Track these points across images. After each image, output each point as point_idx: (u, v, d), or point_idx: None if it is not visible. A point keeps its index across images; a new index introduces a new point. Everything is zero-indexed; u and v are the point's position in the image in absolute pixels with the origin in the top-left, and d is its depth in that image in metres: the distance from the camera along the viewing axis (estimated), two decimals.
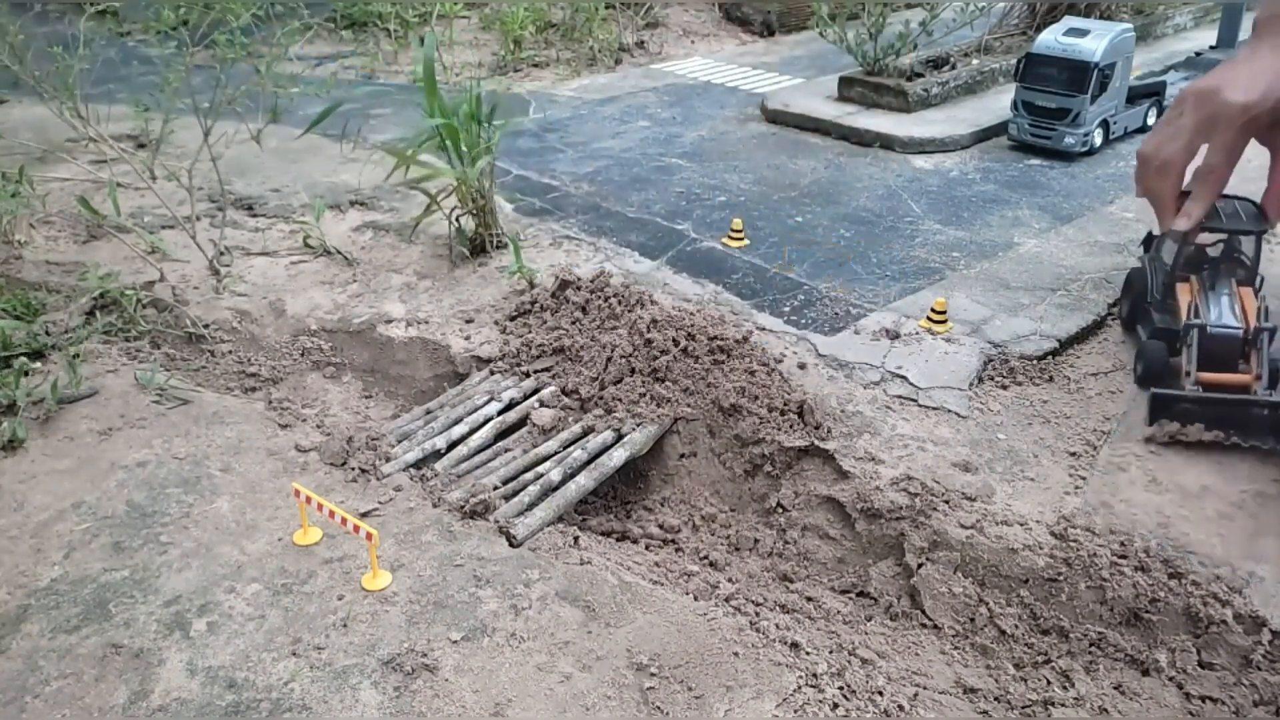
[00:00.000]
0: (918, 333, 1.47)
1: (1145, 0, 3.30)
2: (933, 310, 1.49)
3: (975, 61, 2.84)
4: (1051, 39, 2.22)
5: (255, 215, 2.04)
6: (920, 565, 1.11)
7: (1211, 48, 3.07)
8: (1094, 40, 2.18)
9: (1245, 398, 1.22)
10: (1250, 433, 1.21)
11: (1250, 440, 1.20)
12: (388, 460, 1.27)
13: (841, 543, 1.20)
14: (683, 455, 1.32)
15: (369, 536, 0.98)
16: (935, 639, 1.08)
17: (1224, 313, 1.29)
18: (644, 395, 1.33)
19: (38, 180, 2.00)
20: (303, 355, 1.61)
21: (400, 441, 1.33)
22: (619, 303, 1.48)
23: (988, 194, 2.05)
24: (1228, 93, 1.23)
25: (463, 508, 1.15)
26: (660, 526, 1.27)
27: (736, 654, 0.95)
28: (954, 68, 2.77)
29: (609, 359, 1.39)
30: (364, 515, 1.12)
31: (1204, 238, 1.39)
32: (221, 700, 0.88)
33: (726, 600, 1.08)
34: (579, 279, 1.57)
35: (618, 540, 1.25)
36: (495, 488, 1.20)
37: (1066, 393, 1.34)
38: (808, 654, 0.98)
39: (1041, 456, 1.21)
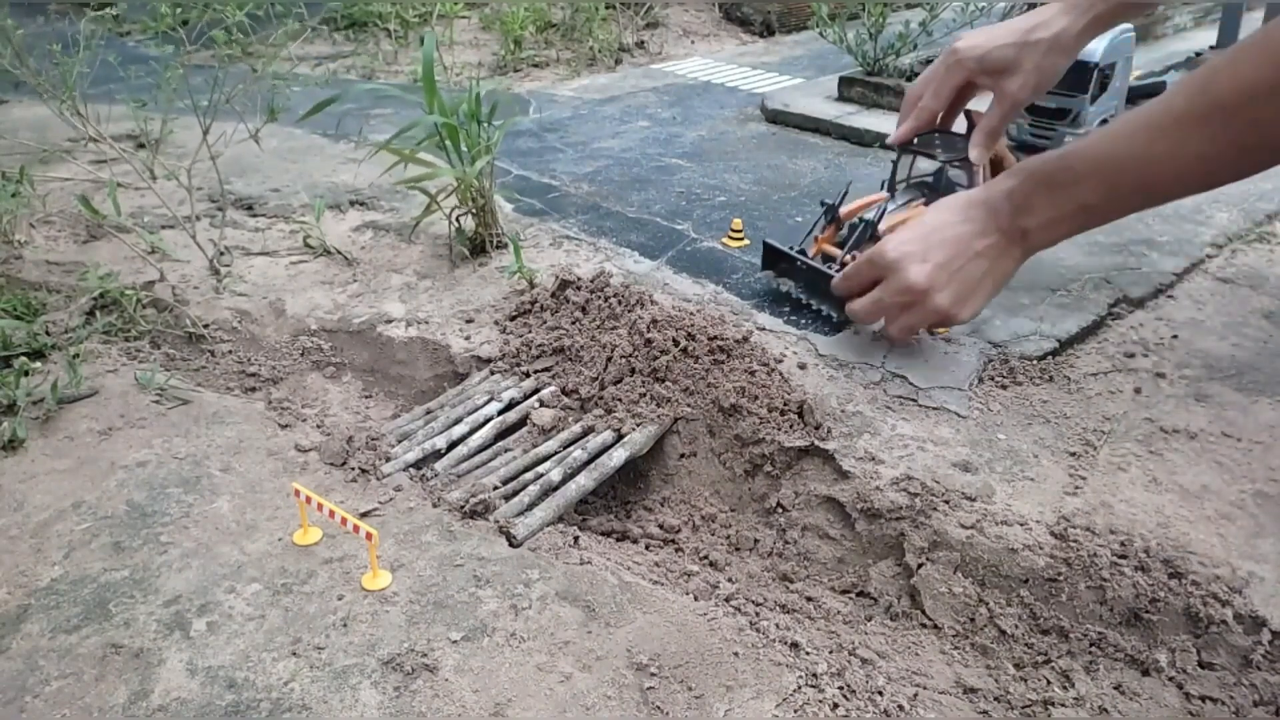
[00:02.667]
0: (917, 332, 1.47)
1: (1145, 0, 3.30)
2: None
3: None
4: None
5: (255, 215, 2.04)
6: (920, 565, 1.11)
7: (1212, 48, 3.06)
8: (1094, 40, 2.18)
9: (817, 265, 1.40)
10: (822, 298, 1.41)
11: (821, 304, 1.41)
12: (388, 460, 1.27)
13: (841, 543, 1.20)
14: (683, 455, 1.32)
15: (369, 536, 0.98)
16: (935, 639, 1.07)
17: (882, 209, 1.42)
18: (644, 395, 1.33)
19: (38, 180, 2.00)
20: (303, 355, 1.61)
21: (400, 441, 1.33)
22: (619, 303, 1.48)
23: None
24: (957, 44, 1.37)
25: (463, 508, 1.15)
26: (660, 526, 1.27)
27: (736, 654, 0.95)
28: None
29: (609, 359, 1.39)
30: (364, 515, 1.12)
31: (921, 165, 1.53)
32: (221, 700, 0.88)
33: (726, 600, 1.08)
34: (579, 279, 1.57)
35: (618, 540, 1.25)
36: (495, 488, 1.20)
37: (1066, 393, 1.34)
38: (808, 654, 0.98)
39: (1041, 456, 1.21)
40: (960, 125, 1.55)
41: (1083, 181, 1.11)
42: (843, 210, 1.47)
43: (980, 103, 1.49)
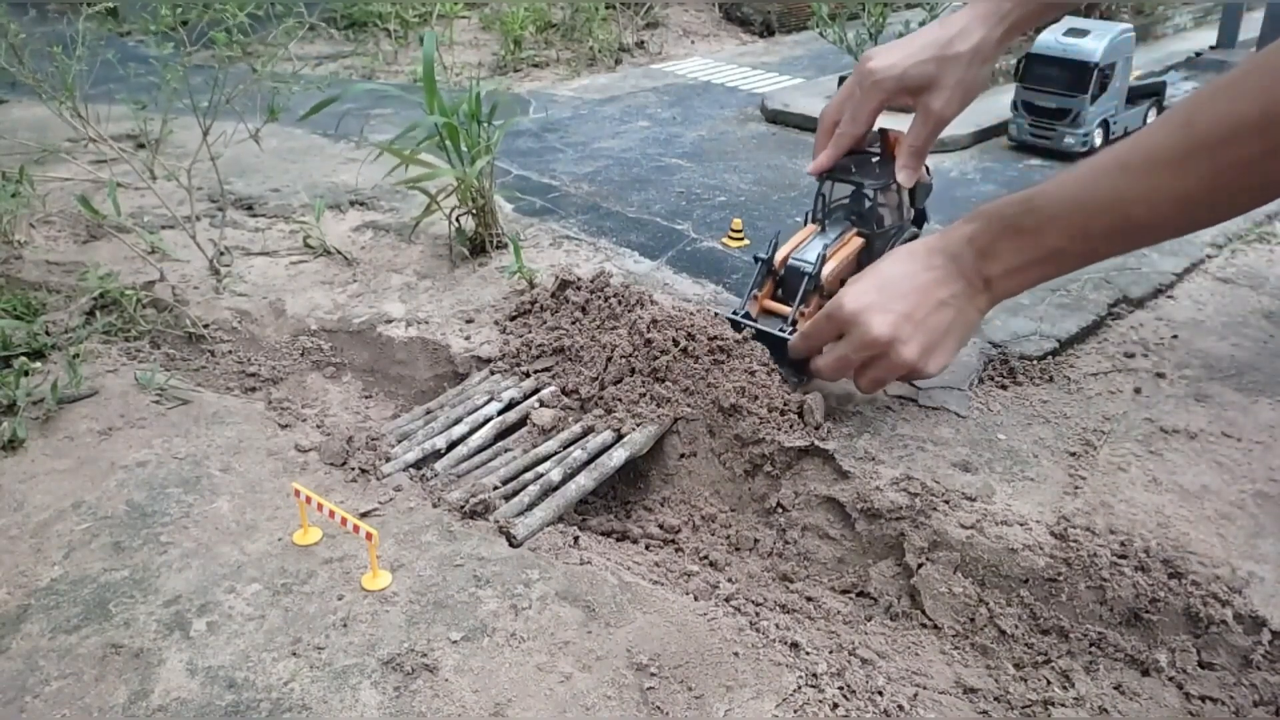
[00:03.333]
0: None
1: (1145, 0, 3.30)
2: None
3: None
4: (1051, 39, 2.21)
5: (255, 215, 2.04)
6: (920, 565, 1.11)
7: (1211, 48, 3.06)
8: (1094, 40, 2.18)
9: (768, 330, 1.31)
10: (780, 361, 1.30)
11: (782, 367, 1.30)
12: (388, 460, 1.27)
13: (841, 543, 1.20)
14: (683, 455, 1.32)
15: (369, 536, 0.98)
16: (935, 639, 1.07)
17: (807, 251, 1.33)
18: (644, 395, 1.33)
19: (38, 180, 1.99)
20: (303, 355, 1.61)
21: (400, 441, 1.33)
22: (619, 303, 1.47)
23: (987, 194, 2.05)
24: (869, 62, 1.29)
25: (463, 508, 1.15)
26: (660, 526, 1.27)
27: (736, 654, 0.95)
28: None
29: (609, 359, 1.38)
30: (364, 515, 1.12)
31: (839, 189, 1.41)
32: (221, 700, 0.88)
33: (726, 600, 1.08)
34: (579, 279, 1.57)
35: (618, 540, 1.25)
36: (495, 488, 1.20)
37: (1066, 393, 1.34)
38: (808, 654, 0.98)
39: (1041, 456, 1.21)
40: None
41: (1051, 226, 1.03)
42: (778, 257, 1.35)
43: (890, 120, 1.40)
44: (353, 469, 1.22)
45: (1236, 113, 0.89)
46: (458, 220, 1.80)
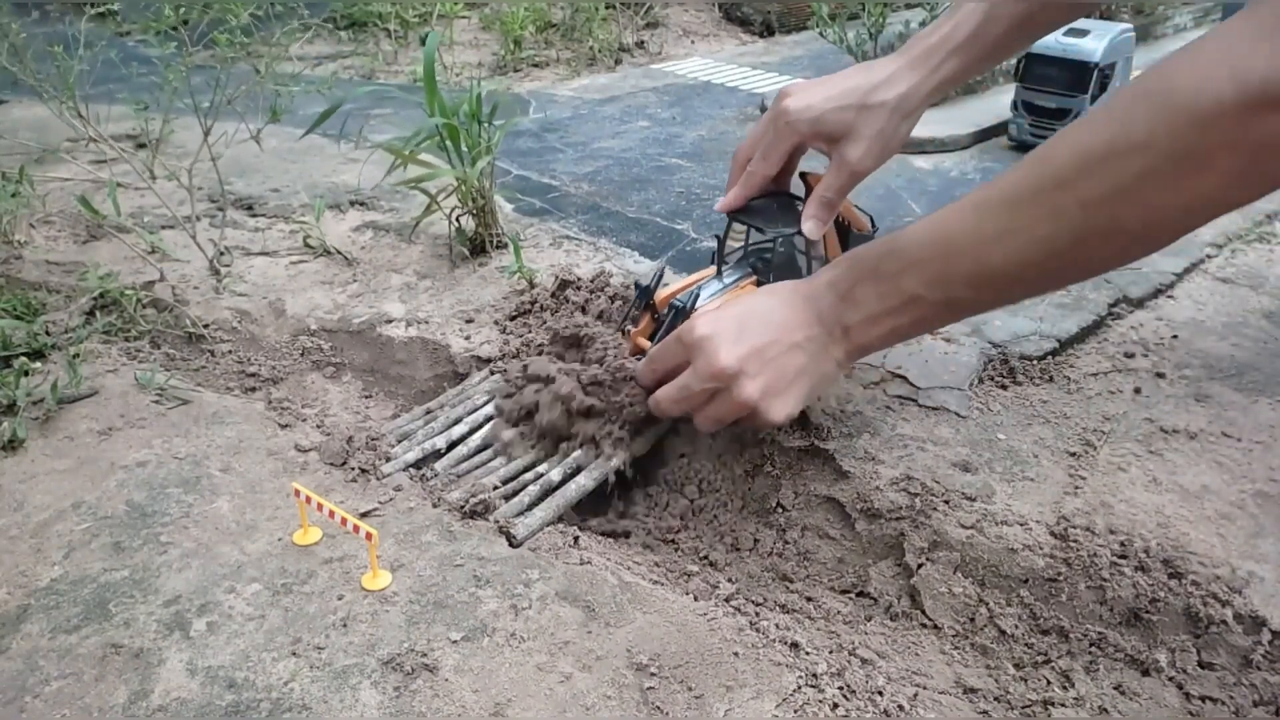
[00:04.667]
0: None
1: (1145, 0, 3.30)
2: None
3: None
4: (1051, 39, 2.21)
5: (255, 215, 2.04)
6: (920, 565, 1.11)
7: None
8: (1094, 40, 2.18)
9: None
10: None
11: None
12: (388, 460, 1.27)
13: (841, 543, 1.20)
14: (682, 455, 1.32)
15: (369, 536, 0.98)
16: (935, 639, 1.07)
17: (696, 295, 1.22)
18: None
19: (38, 180, 1.99)
20: (303, 355, 1.61)
21: (400, 441, 1.33)
22: (619, 303, 1.48)
23: None
24: (785, 100, 1.19)
25: (463, 508, 1.15)
26: (660, 526, 1.27)
27: (736, 654, 0.95)
28: None
29: None
30: (364, 515, 1.12)
31: (736, 229, 1.31)
32: (221, 700, 0.88)
33: (726, 600, 1.08)
34: (579, 279, 1.57)
35: (618, 540, 1.25)
36: (495, 488, 1.20)
37: (1066, 393, 1.34)
38: (808, 654, 0.98)
39: (1041, 456, 1.21)
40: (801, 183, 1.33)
41: (911, 270, 0.94)
42: (660, 295, 1.26)
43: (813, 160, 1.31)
44: (353, 469, 1.22)
45: (1085, 145, 0.81)
46: (458, 220, 1.80)
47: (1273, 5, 0.70)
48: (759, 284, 1.27)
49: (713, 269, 1.30)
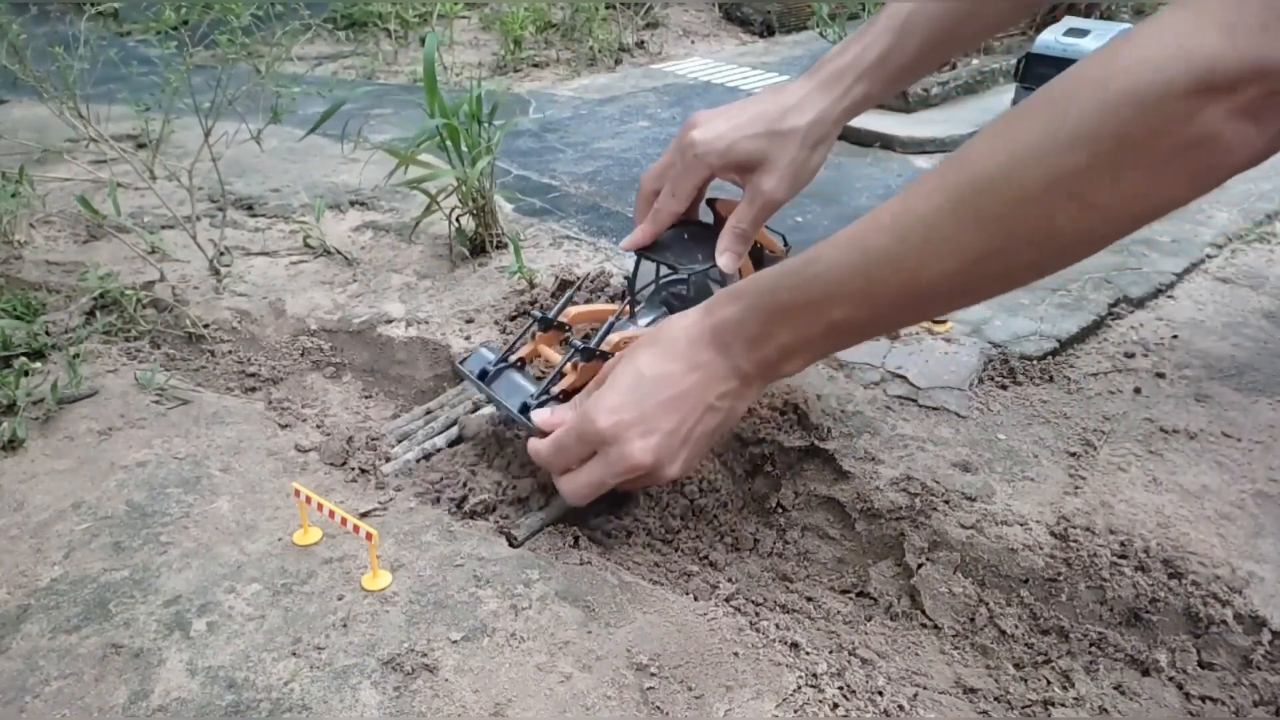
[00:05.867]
0: (917, 333, 1.47)
1: (1145, 0, 3.30)
2: None
3: (975, 61, 2.84)
4: (1051, 39, 2.21)
5: (255, 215, 2.04)
6: (920, 565, 1.11)
7: None
8: (1094, 40, 2.18)
9: (499, 395, 1.15)
10: (512, 422, 1.18)
11: (518, 425, 1.16)
12: (388, 460, 1.27)
13: (841, 543, 1.20)
14: None
15: (369, 536, 0.98)
16: (935, 639, 1.07)
17: (604, 331, 1.14)
18: None
19: (38, 180, 1.99)
20: (303, 355, 1.61)
21: (400, 441, 1.33)
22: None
23: None
24: (693, 130, 1.14)
25: (463, 507, 1.15)
26: (660, 526, 1.27)
27: (736, 654, 0.95)
28: (954, 68, 2.77)
29: None
30: (364, 515, 1.12)
31: (649, 265, 1.25)
32: (221, 700, 0.88)
33: (726, 600, 1.08)
34: (578, 279, 1.57)
35: (618, 540, 1.25)
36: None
37: (1066, 393, 1.34)
38: (808, 654, 0.98)
39: (1041, 456, 1.21)
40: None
41: (831, 297, 0.86)
42: (567, 314, 1.20)
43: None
44: (353, 469, 1.22)
45: (1014, 141, 0.74)
46: (458, 220, 1.81)
47: None
48: None
49: (622, 308, 1.23)
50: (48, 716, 0.87)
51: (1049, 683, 1.00)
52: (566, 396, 1.13)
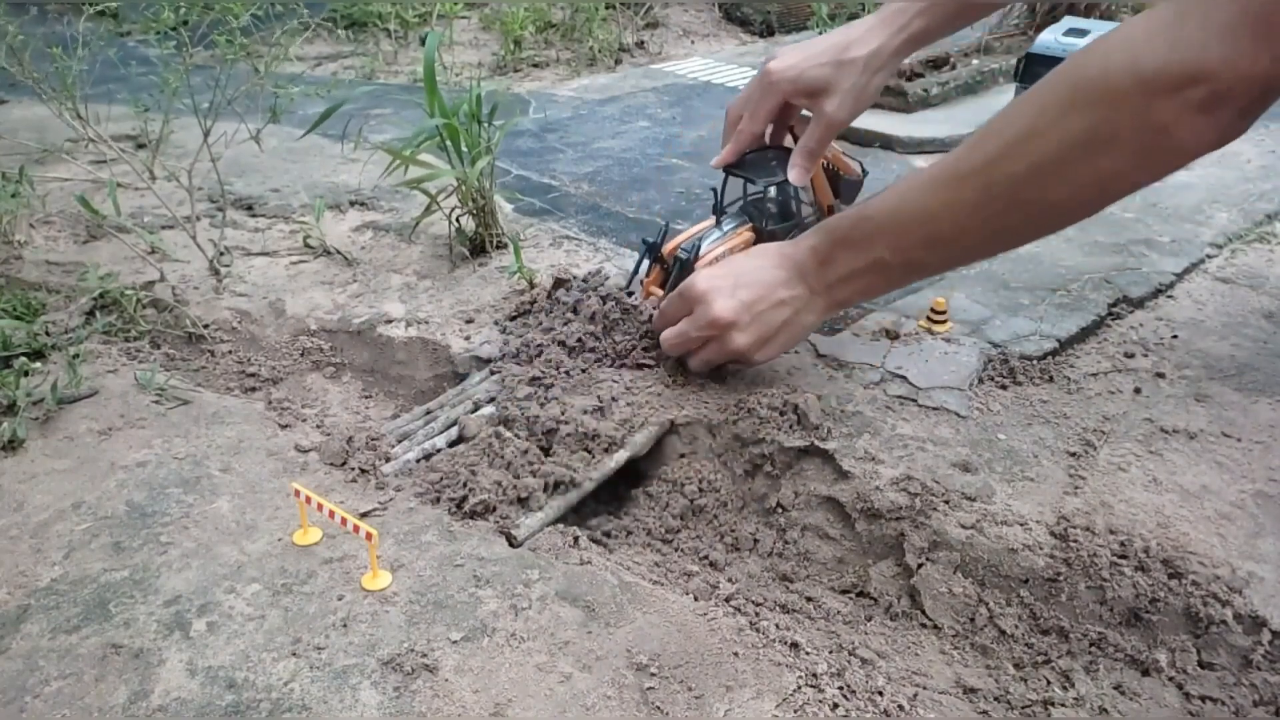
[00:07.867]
0: (917, 333, 1.47)
1: (1145, 0, 3.30)
2: (932, 310, 1.49)
3: (975, 61, 2.84)
4: (1051, 39, 2.21)
5: (255, 215, 2.04)
6: (920, 565, 1.11)
7: None
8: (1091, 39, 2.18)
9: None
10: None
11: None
12: (388, 460, 1.27)
13: (841, 543, 1.20)
14: (682, 455, 1.32)
15: (369, 536, 0.98)
16: (935, 639, 1.07)
17: (697, 243, 1.35)
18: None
19: (38, 180, 2.00)
20: (303, 355, 1.61)
21: (400, 441, 1.33)
22: (616, 302, 1.47)
23: None
24: (772, 62, 1.33)
25: (463, 507, 1.15)
26: (660, 526, 1.27)
27: (736, 654, 0.95)
28: (954, 68, 2.77)
29: None
30: (364, 515, 1.12)
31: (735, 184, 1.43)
32: (221, 700, 0.88)
33: (726, 600, 1.08)
34: (573, 278, 1.57)
35: (618, 540, 1.25)
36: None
37: (1066, 393, 1.34)
38: (808, 654, 0.98)
39: (1041, 456, 1.21)
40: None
41: (875, 236, 1.11)
42: (666, 247, 1.37)
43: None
44: (353, 469, 1.22)
45: (1011, 127, 0.96)
46: (458, 220, 1.80)
47: (1176, 1, 0.82)
48: (755, 229, 1.37)
49: (710, 220, 1.41)
50: (48, 716, 0.87)
51: (1049, 683, 1.00)
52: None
